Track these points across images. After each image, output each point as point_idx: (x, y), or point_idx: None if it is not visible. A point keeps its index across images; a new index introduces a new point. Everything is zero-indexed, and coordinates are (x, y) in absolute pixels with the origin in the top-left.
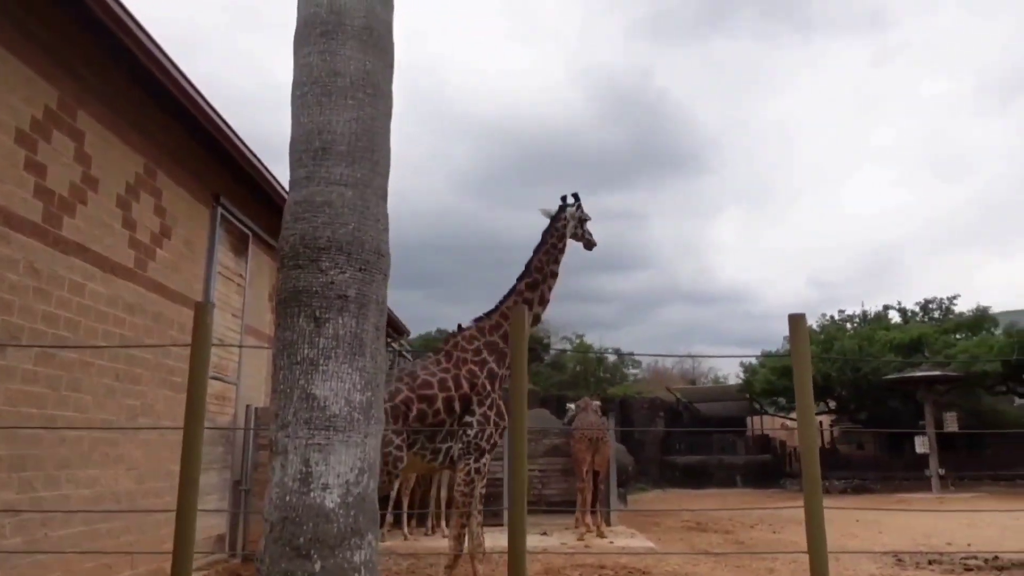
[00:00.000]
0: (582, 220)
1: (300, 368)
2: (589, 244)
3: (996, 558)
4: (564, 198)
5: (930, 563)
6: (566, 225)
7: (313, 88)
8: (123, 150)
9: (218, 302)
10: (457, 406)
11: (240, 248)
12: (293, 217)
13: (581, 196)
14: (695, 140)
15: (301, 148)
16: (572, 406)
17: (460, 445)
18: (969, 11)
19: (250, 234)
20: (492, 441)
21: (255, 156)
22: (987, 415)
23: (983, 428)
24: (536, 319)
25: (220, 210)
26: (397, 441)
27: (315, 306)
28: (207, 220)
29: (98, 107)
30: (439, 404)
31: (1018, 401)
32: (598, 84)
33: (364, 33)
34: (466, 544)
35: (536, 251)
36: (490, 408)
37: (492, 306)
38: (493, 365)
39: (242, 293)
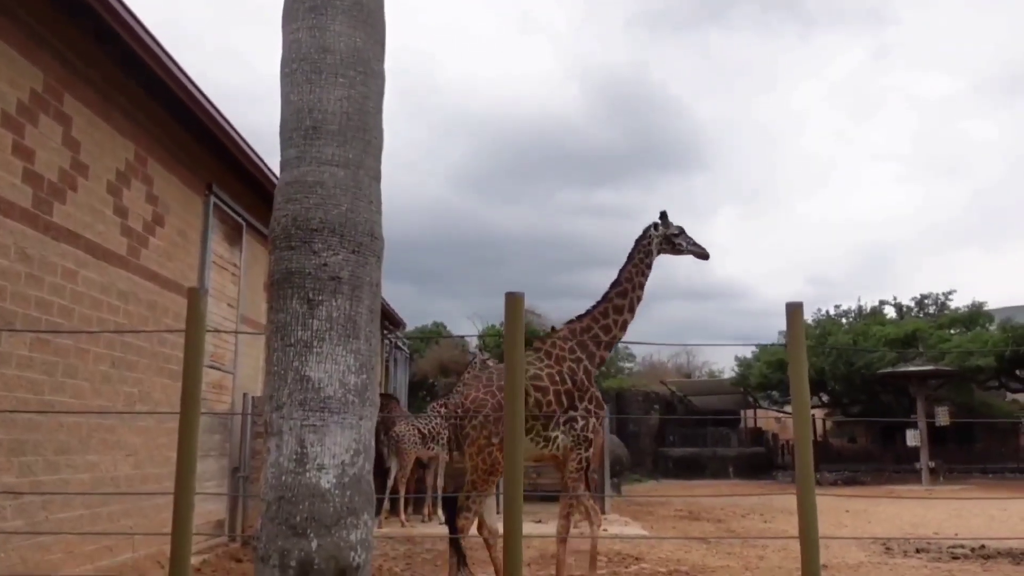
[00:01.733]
0: (669, 236)
1: (294, 350)
2: (699, 255)
3: (982, 547)
4: (663, 218)
5: (917, 551)
6: (651, 242)
7: (302, 65)
8: (112, 136)
9: (213, 291)
10: (564, 400)
11: (234, 238)
12: (284, 198)
13: (574, 190)
14: (692, 136)
15: (291, 127)
16: None
17: (570, 438)
18: (967, 8)
19: (244, 224)
20: (595, 430)
21: (248, 145)
22: (979, 410)
23: (974, 422)
24: (624, 325)
25: (213, 199)
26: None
27: (308, 288)
28: (200, 209)
29: (86, 92)
30: (551, 396)
31: (1010, 396)
32: (595, 79)
33: (354, 8)
34: (567, 527)
35: (625, 265)
36: (590, 402)
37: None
38: (587, 363)
39: (237, 283)
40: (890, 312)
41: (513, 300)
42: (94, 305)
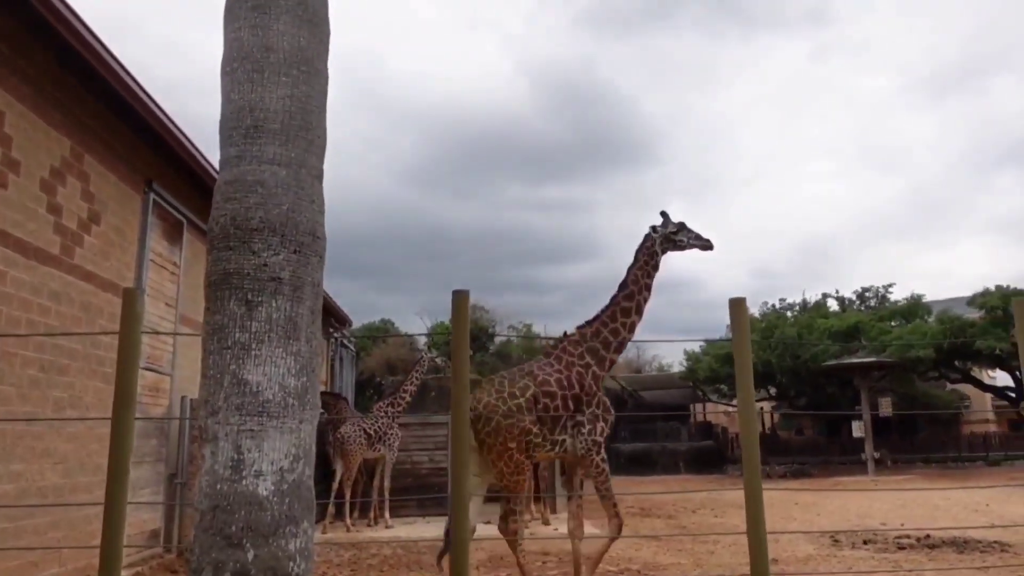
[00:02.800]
0: (669, 236)
1: (231, 352)
2: (703, 246)
3: (927, 536)
4: (664, 217)
5: (865, 543)
6: (654, 243)
7: (244, 64)
8: (47, 132)
9: (151, 290)
10: (571, 404)
11: (174, 235)
12: (224, 197)
13: (524, 185)
14: (640, 132)
15: (232, 126)
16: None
17: (579, 442)
18: (901, 10)
19: (184, 221)
20: (604, 434)
21: (188, 140)
22: (920, 400)
23: (916, 413)
24: (632, 327)
25: (152, 196)
26: (535, 430)
27: (247, 289)
28: (138, 206)
29: (18, 85)
30: (558, 400)
31: (950, 386)
32: (543, 74)
33: (298, 8)
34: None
35: (631, 268)
36: (597, 406)
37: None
38: (595, 368)
39: (176, 281)
40: (833, 305)
41: (459, 298)
42: (23, 306)
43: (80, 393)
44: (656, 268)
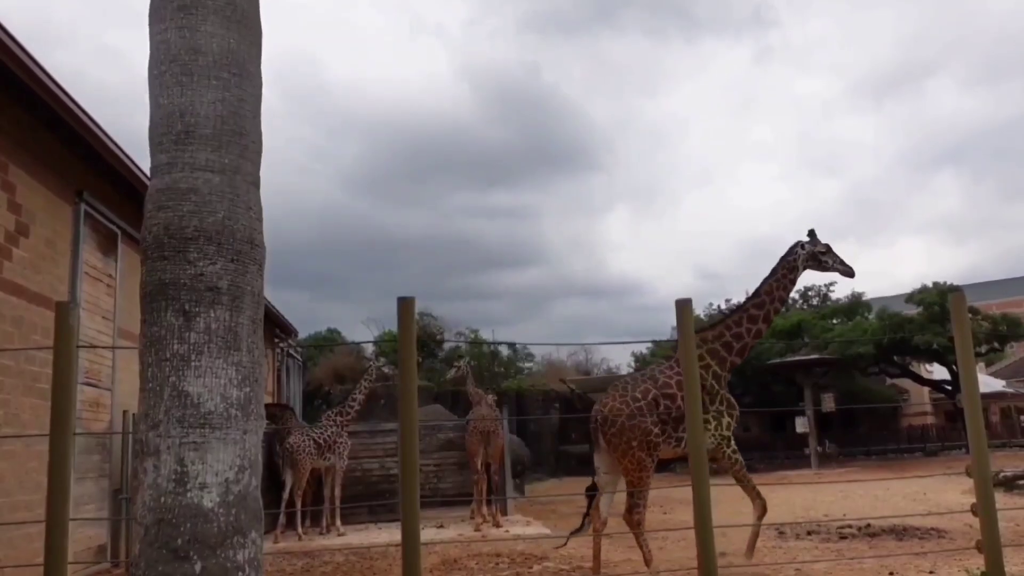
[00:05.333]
0: (816, 254)
1: (170, 364)
2: (845, 273)
3: (868, 525)
4: (811, 236)
5: (809, 534)
6: (797, 259)
7: (172, 67)
8: None
9: (86, 304)
10: None
11: (109, 247)
12: (156, 205)
13: (470, 192)
14: (585, 137)
15: (161, 132)
16: (458, 364)
17: (708, 439)
18: (842, 13)
19: (119, 232)
20: (731, 427)
21: (121, 150)
22: (861, 395)
23: (858, 407)
24: (758, 334)
25: (84, 206)
26: (655, 430)
27: (184, 299)
28: (69, 217)
29: None
30: (679, 401)
31: (889, 381)
32: (486, 80)
33: (227, 8)
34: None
35: (767, 278)
36: (720, 403)
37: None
38: (716, 368)
39: (113, 294)
40: None
41: (405, 304)
42: None
43: (16, 410)
44: (794, 283)
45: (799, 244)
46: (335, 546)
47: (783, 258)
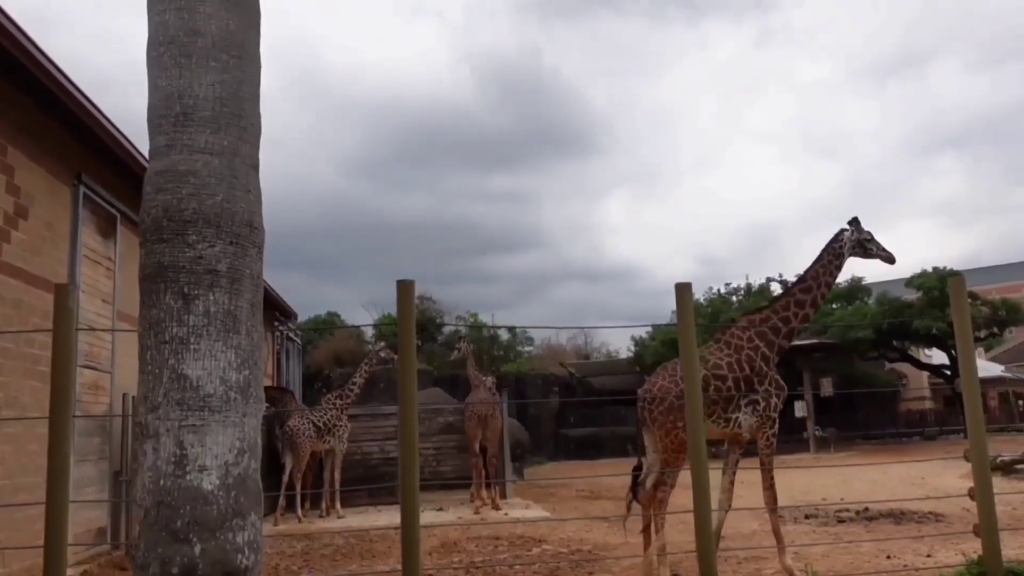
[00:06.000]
0: (861, 240)
1: (169, 347)
2: (887, 259)
3: (866, 509)
4: (855, 223)
5: (807, 517)
6: (843, 245)
7: (170, 48)
8: None
9: (86, 287)
10: (743, 385)
11: (108, 230)
12: (155, 188)
13: (469, 175)
14: (584, 121)
15: (160, 113)
16: (459, 346)
17: (754, 418)
18: None
19: (118, 215)
20: (777, 409)
21: (120, 132)
22: (860, 380)
23: (856, 392)
24: (805, 319)
25: (83, 189)
26: (704, 410)
27: (183, 282)
28: (68, 200)
29: None
30: (730, 382)
31: (888, 365)
32: (486, 64)
33: None
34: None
35: (813, 264)
36: (769, 384)
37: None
38: (765, 350)
39: (112, 277)
40: (777, 289)
41: (404, 287)
42: None
43: (16, 393)
44: (840, 269)
45: (844, 231)
46: (335, 528)
47: (828, 244)
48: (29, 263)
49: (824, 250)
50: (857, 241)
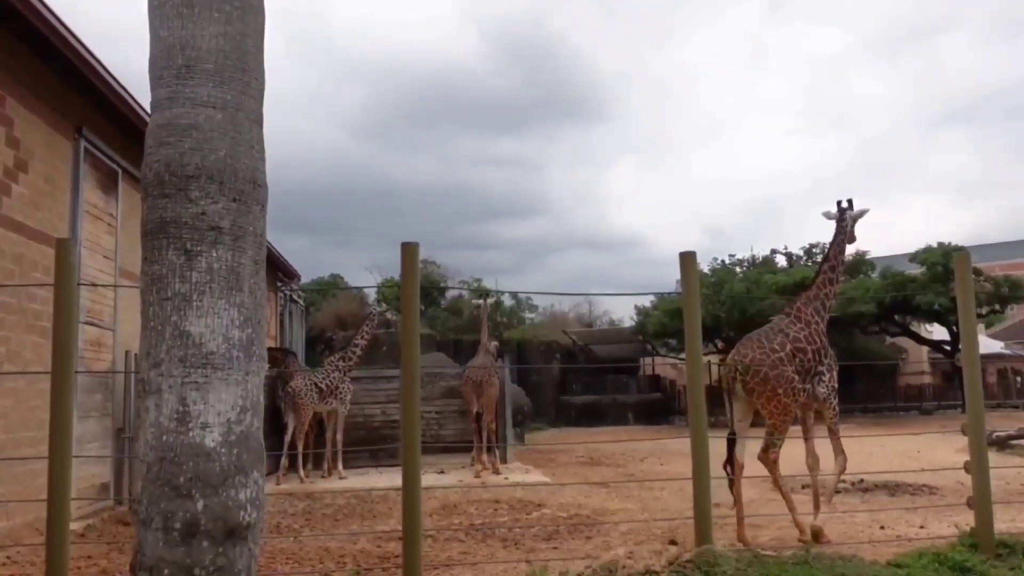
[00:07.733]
0: (856, 219)
1: (171, 304)
2: (851, 238)
3: (861, 481)
4: (839, 203)
5: (803, 487)
6: (847, 224)
7: None
8: None
9: (87, 243)
10: (818, 356)
11: (109, 185)
12: (156, 141)
13: (475, 139)
14: (592, 87)
15: (162, 65)
16: (479, 302)
17: (823, 389)
18: None
19: (120, 170)
20: (837, 381)
21: (121, 86)
22: (860, 353)
23: (855, 364)
24: (835, 295)
25: (84, 143)
26: (797, 378)
27: (185, 238)
28: (69, 154)
29: None
30: (809, 355)
31: (889, 339)
32: (493, 25)
33: None
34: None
35: (831, 244)
36: (827, 356)
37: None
38: (822, 325)
39: (114, 233)
40: (781, 261)
41: (409, 250)
42: None
43: (17, 348)
44: (847, 243)
45: (846, 210)
46: (337, 489)
47: (839, 224)
48: (29, 217)
49: (837, 230)
50: (854, 220)
